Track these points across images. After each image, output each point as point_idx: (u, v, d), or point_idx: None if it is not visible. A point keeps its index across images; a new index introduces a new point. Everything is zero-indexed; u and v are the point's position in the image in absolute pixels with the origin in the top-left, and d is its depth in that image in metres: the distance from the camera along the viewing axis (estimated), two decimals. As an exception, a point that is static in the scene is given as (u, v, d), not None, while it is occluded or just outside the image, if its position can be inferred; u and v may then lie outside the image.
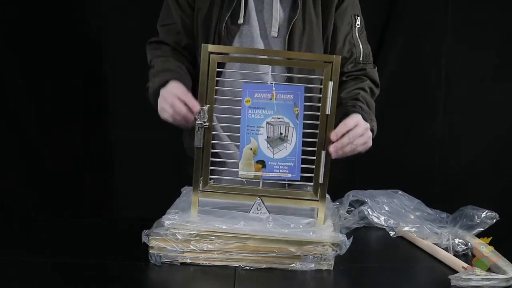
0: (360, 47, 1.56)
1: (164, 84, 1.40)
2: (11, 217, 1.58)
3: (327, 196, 1.42)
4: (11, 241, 1.37)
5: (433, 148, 2.31)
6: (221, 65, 1.34)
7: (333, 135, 1.25)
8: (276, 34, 1.49)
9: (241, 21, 1.49)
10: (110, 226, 1.52)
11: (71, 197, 2.14)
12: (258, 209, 1.28)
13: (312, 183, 1.28)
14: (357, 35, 1.56)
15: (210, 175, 1.29)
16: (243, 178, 1.29)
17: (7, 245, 1.34)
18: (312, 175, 1.27)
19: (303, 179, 1.29)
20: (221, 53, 1.27)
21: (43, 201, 2.05)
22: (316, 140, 1.26)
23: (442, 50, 2.28)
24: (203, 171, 1.27)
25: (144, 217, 1.34)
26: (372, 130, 1.41)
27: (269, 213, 1.27)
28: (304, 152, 1.28)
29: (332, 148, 1.25)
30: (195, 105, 1.27)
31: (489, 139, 2.28)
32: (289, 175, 1.28)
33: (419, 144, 2.31)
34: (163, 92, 1.38)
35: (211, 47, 1.25)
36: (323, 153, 1.26)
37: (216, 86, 1.26)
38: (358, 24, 1.56)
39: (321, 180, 1.27)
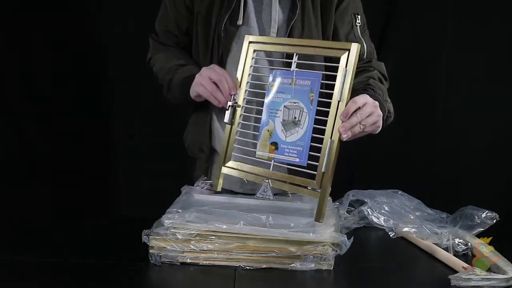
0: (364, 45, 1.54)
1: (194, 73, 1.46)
2: (10, 217, 1.57)
3: (329, 197, 1.42)
4: (10, 241, 1.37)
5: (433, 148, 2.31)
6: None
7: (343, 114, 1.25)
8: (275, 35, 1.49)
9: (240, 22, 1.49)
10: (110, 226, 1.52)
11: (71, 197, 2.14)
12: (265, 191, 1.32)
13: (316, 172, 1.26)
14: (359, 33, 1.55)
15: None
16: (259, 158, 1.35)
17: (7, 245, 1.34)
18: (317, 163, 1.26)
19: (310, 168, 1.28)
20: (258, 42, 1.40)
21: (42, 201, 2.05)
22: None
23: (442, 50, 2.29)
24: (228, 147, 1.40)
25: (144, 217, 1.33)
26: (389, 112, 1.43)
27: (273, 197, 1.33)
28: (316, 140, 1.28)
29: (341, 128, 1.24)
30: (234, 87, 1.39)
31: (489, 139, 2.28)
32: (297, 159, 1.30)
33: (419, 144, 2.31)
34: (205, 70, 1.44)
35: (251, 37, 1.41)
36: (329, 141, 1.25)
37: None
38: (358, 23, 1.55)
39: (323, 169, 1.25)
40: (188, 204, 1.31)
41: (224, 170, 1.41)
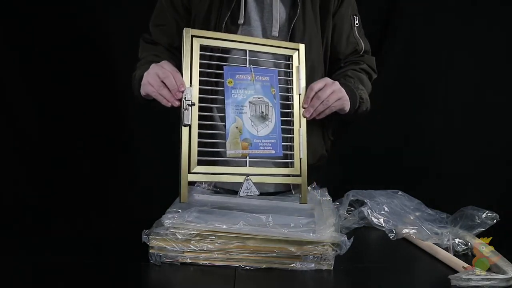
0: (361, 44, 1.62)
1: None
2: (10, 217, 1.57)
3: (329, 197, 1.42)
4: (10, 241, 1.37)
5: (433, 148, 2.31)
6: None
7: (304, 102, 1.38)
8: (277, 34, 1.49)
9: (241, 21, 1.49)
10: (110, 226, 1.52)
11: (71, 197, 2.13)
12: (248, 188, 1.31)
13: (293, 160, 1.37)
14: (357, 34, 1.61)
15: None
16: (231, 157, 1.33)
17: (7, 245, 1.34)
18: (293, 152, 1.37)
19: (285, 157, 1.38)
20: (203, 37, 1.35)
21: (42, 201, 2.04)
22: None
23: (442, 50, 2.28)
24: (191, 152, 1.28)
25: (144, 217, 1.33)
26: (361, 97, 1.50)
27: (259, 192, 1.33)
28: (285, 131, 1.38)
29: (306, 113, 1.38)
30: (183, 83, 1.31)
31: (489, 139, 2.28)
32: (273, 151, 1.35)
33: (419, 144, 2.31)
34: (154, 66, 1.37)
35: (193, 31, 1.34)
36: (300, 130, 1.38)
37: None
38: (357, 24, 1.61)
39: (301, 155, 1.37)
40: (188, 204, 1.31)
41: (191, 177, 1.27)
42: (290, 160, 1.37)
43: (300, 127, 1.38)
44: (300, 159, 1.37)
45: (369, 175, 2.23)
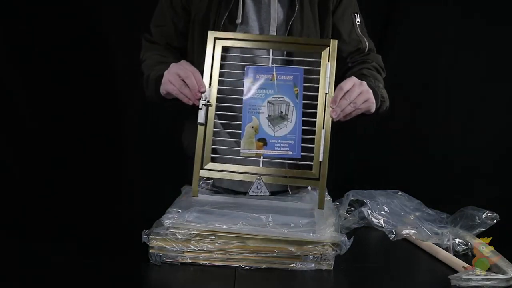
0: (365, 42, 1.59)
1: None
2: (10, 217, 1.57)
3: (329, 197, 1.42)
4: (10, 241, 1.36)
5: (433, 148, 2.31)
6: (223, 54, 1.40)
7: (331, 102, 1.31)
8: (274, 34, 1.49)
9: (239, 21, 1.50)
10: (110, 226, 1.52)
11: (71, 197, 2.13)
12: (258, 188, 1.32)
13: (312, 163, 1.30)
14: (359, 31, 1.59)
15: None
16: (245, 156, 1.33)
17: (7, 245, 1.33)
18: (313, 154, 1.30)
19: (304, 159, 1.32)
20: (226, 38, 1.37)
21: (42, 201, 2.04)
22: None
23: (442, 50, 2.28)
24: (205, 149, 1.33)
25: (144, 217, 1.33)
26: (382, 96, 1.45)
27: (269, 192, 1.32)
28: (306, 132, 1.32)
29: (333, 113, 1.30)
30: (203, 84, 1.34)
31: (489, 139, 2.28)
32: (290, 152, 1.32)
33: (419, 144, 2.31)
34: (174, 66, 1.40)
35: (217, 33, 1.37)
36: (323, 131, 1.31)
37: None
38: (358, 21, 1.59)
39: (321, 158, 1.30)
40: (188, 204, 1.31)
41: (203, 173, 1.35)
42: (307, 162, 1.32)
43: (323, 128, 1.31)
44: (320, 162, 1.30)
45: (369, 175, 2.23)
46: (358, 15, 1.60)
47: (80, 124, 2.24)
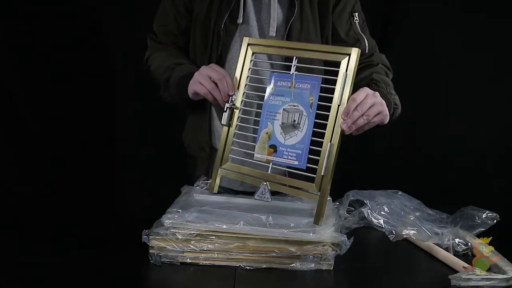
0: (365, 41, 1.57)
1: (192, 71, 1.44)
2: (10, 217, 1.57)
3: (328, 197, 1.41)
4: (10, 241, 1.36)
5: (434, 148, 2.31)
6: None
7: (344, 113, 1.25)
8: (274, 34, 1.49)
9: (240, 21, 1.50)
10: (110, 226, 1.52)
11: (71, 197, 2.13)
12: (263, 193, 1.32)
13: (315, 175, 1.26)
14: (359, 30, 1.57)
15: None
16: (257, 160, 1.35)
17: (6, 245, 1.33)
18: (316, 166, 1.26)
19: (309, 171, 1.28)
20: (258, 45, 1.40)
21: (42, 201, 2.04)
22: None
23: (442, 50, 2.28)
24: (226, 149, 1.40)
25: (144, 217, 1.33)
26: (395, 103, 1.42)
27: (272, 199, 1.33)
28: (315, 143, 1.28)
29: (343, 125, 1.24)
30: (233, 88, 1.38)
31: (489, 139, 2.28)
32: (296, 162, 1.31)
33: (419, 144, 2.31)
34: (206, 68, 1.42)
35: (250, 40, 1.40)
36: (329, 144, 1.25)
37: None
38: (357, 20, 1.57)
39: (323, 172, 1.25)
40: (188, 204, 1.31)
41: (221, 171, 1.41)
42: (310, 174, 1.27)
43: (331, 141, 1.25)
44: (322, 176, 1.25)
45: (369, 175, 2.23)
46: (357, 13, 1.57)
47: (80, 124, 2.24)
